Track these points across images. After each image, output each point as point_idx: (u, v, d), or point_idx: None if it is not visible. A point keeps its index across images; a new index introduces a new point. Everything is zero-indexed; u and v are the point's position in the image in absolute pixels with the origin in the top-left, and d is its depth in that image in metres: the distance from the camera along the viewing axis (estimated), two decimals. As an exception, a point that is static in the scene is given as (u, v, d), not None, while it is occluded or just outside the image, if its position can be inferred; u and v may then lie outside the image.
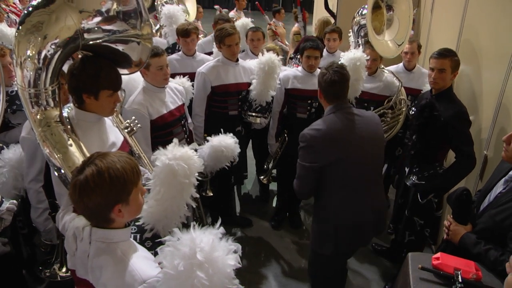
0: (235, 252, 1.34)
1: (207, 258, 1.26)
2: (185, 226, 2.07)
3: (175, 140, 2.12)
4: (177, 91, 3.15)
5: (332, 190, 2.41)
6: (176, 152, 2.00)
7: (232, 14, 7.14)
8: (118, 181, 1.38)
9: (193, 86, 3.44)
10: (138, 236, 1.99)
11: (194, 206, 2.13)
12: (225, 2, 19.32)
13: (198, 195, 2.07)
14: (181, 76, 3.43)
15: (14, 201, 2.42)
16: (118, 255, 1.44)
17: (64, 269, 2.45)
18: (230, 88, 3.50)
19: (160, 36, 4.85)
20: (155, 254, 1.56)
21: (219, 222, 1.41)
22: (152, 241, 1.98)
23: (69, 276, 2.41)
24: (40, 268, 2.52)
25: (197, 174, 2.07)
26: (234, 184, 4.00)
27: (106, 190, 1.37)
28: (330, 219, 2.44)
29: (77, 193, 1.37)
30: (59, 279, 2.43)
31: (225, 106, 3.57)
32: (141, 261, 1.46)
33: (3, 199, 2.40)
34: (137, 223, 1.99)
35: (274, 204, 4.49)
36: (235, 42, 3.42)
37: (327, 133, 2.34)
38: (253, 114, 3.56)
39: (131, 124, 2.44)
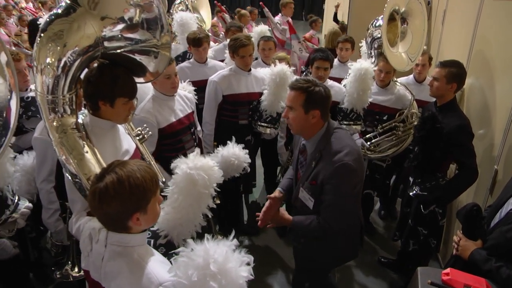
0: (248, 264, 1.35)
1: (221, 269, 1.27)
2: (198, 234, 2.08)
3: (197, 150, 2.14)
4: (186, 99, 3.15)
5: None
6: (197, 162, 2.01)
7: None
8: (138, 189, 1.40)
9: (195, 91, 3.42)
10: (152, 241, 2.00)
11: (210, 216, 2.13)
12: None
13: (214, 205, 2.07)
14: (191, 83, 3.44)
15: (30, 205, 2.45)
16: (135, 258, 1.46)
17: (76, 269, 2.47)
18: (242, 97, 3.51)
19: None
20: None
21: (233, 233, 1.42)
22: (166, 248, 1.98)
23: (81, 276, 2.43)
24: (53, 269, 2.54)
25: (215, 185, 2.07)
26: (243, 192, 4.00)
27: (126, 198, 1.39)
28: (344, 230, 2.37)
29: (97, 200, 1.39)
30: (71, 279, 2.45)
31: (235, 115, 3.58)
32: (158, 265, 1.48)
33: (19, 201, 2.42)
34: (151, 229, 2.00)
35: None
36: (249, 53, 3.43)
37: (358, 152, 2.22)
38: (263, 124, 3.56)
39: (143, 132, 2.46)
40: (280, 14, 6.97)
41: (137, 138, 2.38)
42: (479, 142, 2.96)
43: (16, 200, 2.41)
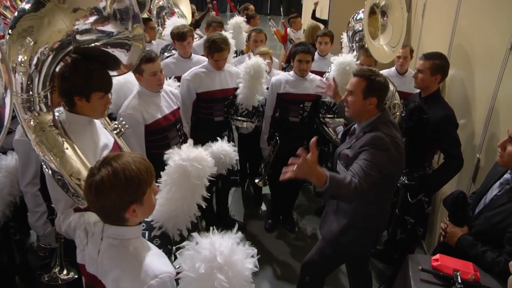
0: (252, 256, 1.37)
1: (227, 261, 1.30)
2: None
3: (190, 141, 2.13)
4: (172, 94, 3.13)
5: (380, 199, 2.42)
6: (190, 153, 2.01)
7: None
8: (133, 181, 1.40)
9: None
10: (146, 233, 1.98)
11: (204, 207, 2.13)
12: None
13: (208, 196, 2.07)
14: (176, 79, 3.42)
15: None
16: (131, 251, 1.47)
17: (65, 272, 2.42)
18: (216, 94, 3.48)
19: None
20: (167, 254, 1.57)
21: (237, 227, 1.44)
22: (161, 239, 1.98)
23: (70, 279, 2.40)
24: (39, 272, 2.48)
25: (209, 175, 2.08)
26: (226, 187, 4.01)
27: (122, 190, 1.39)
28: (373, 226, 2.50)
29: (93, 193, 1.39)
30: (60, 282, 2.40)
31: (210, 112, 3.55)
32: (154, 258, 1.48)
33: None
34: (146, 220, 1.99)
35: (267, 207, 4.51)
36: (223, 58, 3.38)
37: (399, 144, 2.29)
38: (240, 118, 3.56)
39: (119, 126, 2.44)
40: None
41: (114, 132, 2.36)
42: (460, 131, 3.03)
43: None
